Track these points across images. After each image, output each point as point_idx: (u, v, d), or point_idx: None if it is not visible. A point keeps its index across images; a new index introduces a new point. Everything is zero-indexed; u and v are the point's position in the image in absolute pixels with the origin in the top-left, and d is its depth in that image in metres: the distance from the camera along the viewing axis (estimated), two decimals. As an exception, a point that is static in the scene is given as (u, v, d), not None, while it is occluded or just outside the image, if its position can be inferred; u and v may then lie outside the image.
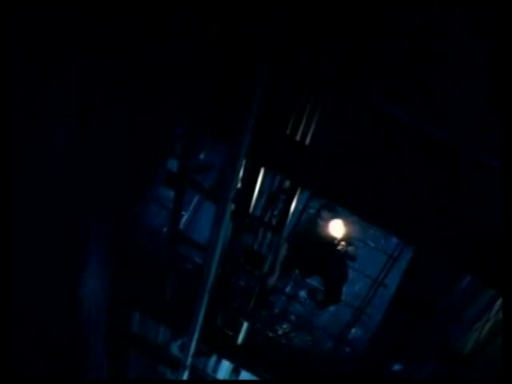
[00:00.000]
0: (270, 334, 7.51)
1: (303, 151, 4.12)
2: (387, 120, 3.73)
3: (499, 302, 4.91)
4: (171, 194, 5.38)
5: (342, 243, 6.95)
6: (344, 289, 7.81)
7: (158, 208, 8.13)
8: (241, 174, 4.27)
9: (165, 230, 7.97)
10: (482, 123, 3.60)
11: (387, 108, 3.65)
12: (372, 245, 8.30)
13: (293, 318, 7.66)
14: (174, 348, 6.00)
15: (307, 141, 4.25)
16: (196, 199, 8.05)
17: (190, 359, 5.32)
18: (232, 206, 4.53)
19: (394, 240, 8.05)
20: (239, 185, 4.48)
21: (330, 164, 4.09)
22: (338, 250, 7.09)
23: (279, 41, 3.28)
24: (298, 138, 4.19)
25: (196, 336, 5.15)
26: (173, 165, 7.00)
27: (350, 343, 7.48)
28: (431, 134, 3.64)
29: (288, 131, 4.11)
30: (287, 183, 5.12)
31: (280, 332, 7.53)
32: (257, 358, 5.28)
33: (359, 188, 4.11)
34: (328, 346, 7.50)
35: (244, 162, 4.11)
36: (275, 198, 5.73)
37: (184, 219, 7.92)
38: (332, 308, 7.81)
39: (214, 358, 6.13)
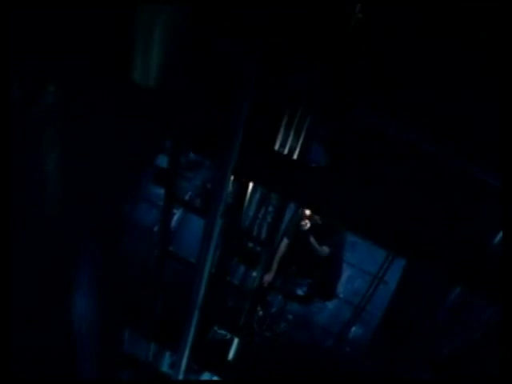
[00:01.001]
0: (268, 334, 7.33)
1: (290, 166, 3.89)
2: (378, 134, 3.51)
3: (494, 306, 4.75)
4: (161, 191, 5.14)
5: (306, 220, 6.76)
6: (342, 286, 7.61)
7: (148, 206, 7.90)
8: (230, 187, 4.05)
9: (156, 228, 7.75)
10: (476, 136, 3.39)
11: (377, 123, 3.43)
12: (371, 240, 8.05)
13: (290, 317, 7.45)
14: (165, 366, 5.82)
15: (295, 155, 4.01)
16: (187, 198, 7.80)
17: (181, 376, 5.12)
18: (220, 222, 4.31)
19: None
20: (228, 200, 4.26)
21: (318, 178, 3.88)
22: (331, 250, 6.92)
23: (264, 60, 3.02)
24: (285, 152, 3.96)
25: (187, 353, 4.95)
26: (163, 161, 6.73)
27: (350, 342, 7.29)
28: (426, 149, 3.43)
29: (276, 146, 3.88)
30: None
31: (278, 332, 7.35)
32: (248, 375, 5.08)
33: (349, 202, 3.88)
34: (328, 345, 7.31)
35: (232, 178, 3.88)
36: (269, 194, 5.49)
37: (176, 217, 7.68)
38: (331, 306, 7.60)
39: (206, 374, 5.95)
